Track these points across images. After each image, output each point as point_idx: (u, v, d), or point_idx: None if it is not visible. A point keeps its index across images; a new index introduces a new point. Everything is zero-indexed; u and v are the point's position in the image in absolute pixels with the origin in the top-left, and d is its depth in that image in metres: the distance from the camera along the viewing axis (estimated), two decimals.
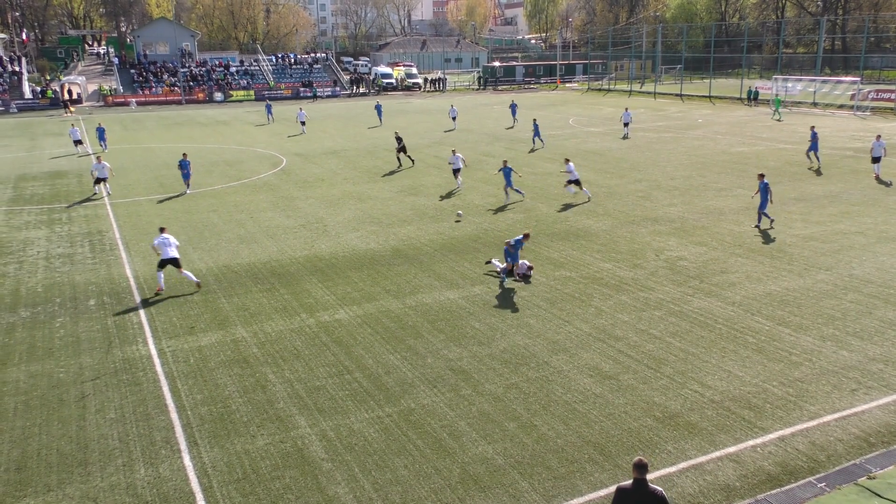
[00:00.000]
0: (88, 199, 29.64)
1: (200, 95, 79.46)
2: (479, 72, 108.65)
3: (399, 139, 36.76)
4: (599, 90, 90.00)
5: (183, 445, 11.32)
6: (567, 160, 28.33)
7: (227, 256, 21.41)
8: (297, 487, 10.27)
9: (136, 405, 12.59)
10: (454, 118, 53.11)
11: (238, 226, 24.87)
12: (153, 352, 14.80)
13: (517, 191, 28.08)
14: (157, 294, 18.18)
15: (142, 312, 16.99)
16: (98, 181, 30.01)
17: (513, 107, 54.75)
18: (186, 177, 30.36)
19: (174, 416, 12.23)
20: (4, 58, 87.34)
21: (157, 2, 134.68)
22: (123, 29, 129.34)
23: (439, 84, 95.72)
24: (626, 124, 46.13)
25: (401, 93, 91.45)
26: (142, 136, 50.99)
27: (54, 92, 75.63)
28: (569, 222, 24.83)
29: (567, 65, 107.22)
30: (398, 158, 36.94)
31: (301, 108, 54.36)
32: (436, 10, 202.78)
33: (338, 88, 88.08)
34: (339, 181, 32.97)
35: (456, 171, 30.55)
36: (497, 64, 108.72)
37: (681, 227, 23.84)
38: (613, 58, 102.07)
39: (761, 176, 23.53)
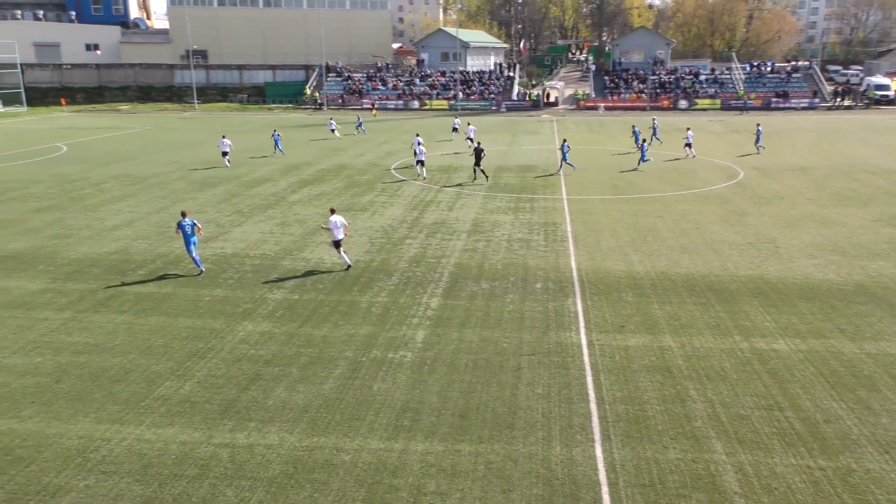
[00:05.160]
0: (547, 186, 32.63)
1: (665, 102, 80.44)
2: None
3: (478, 152, 34.92)
4: None
5: (597, 436, 11.75)
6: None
7: (665, 263, 21.35)
8: None
9: (561, 387, 13.50)
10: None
11: (682, 234, 24.57)
12: (583, 342, 15.64)
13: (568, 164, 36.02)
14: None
15: (579, 303, 18.08)
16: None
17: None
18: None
19: (593, 406, 12.76)
20: (503, 64, 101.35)
21: (639, 12, 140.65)
22: (604, 38, 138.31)
23: None
24: None
25: None
26: (603, 139, 53.95)
27: (537, 95, 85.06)
28: None
29: None
30: (474, 171, 35.94)
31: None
32: None
33: (817, 100, 79.91)
34: (801, 201, 29.99)
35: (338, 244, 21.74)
36: None
37: None
38: None
39: None
